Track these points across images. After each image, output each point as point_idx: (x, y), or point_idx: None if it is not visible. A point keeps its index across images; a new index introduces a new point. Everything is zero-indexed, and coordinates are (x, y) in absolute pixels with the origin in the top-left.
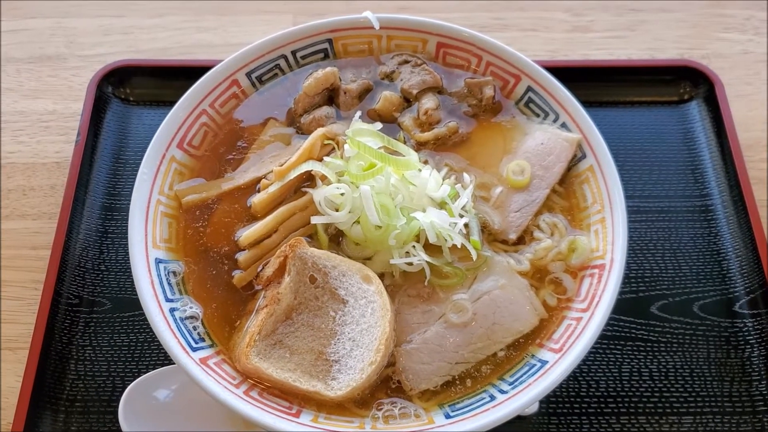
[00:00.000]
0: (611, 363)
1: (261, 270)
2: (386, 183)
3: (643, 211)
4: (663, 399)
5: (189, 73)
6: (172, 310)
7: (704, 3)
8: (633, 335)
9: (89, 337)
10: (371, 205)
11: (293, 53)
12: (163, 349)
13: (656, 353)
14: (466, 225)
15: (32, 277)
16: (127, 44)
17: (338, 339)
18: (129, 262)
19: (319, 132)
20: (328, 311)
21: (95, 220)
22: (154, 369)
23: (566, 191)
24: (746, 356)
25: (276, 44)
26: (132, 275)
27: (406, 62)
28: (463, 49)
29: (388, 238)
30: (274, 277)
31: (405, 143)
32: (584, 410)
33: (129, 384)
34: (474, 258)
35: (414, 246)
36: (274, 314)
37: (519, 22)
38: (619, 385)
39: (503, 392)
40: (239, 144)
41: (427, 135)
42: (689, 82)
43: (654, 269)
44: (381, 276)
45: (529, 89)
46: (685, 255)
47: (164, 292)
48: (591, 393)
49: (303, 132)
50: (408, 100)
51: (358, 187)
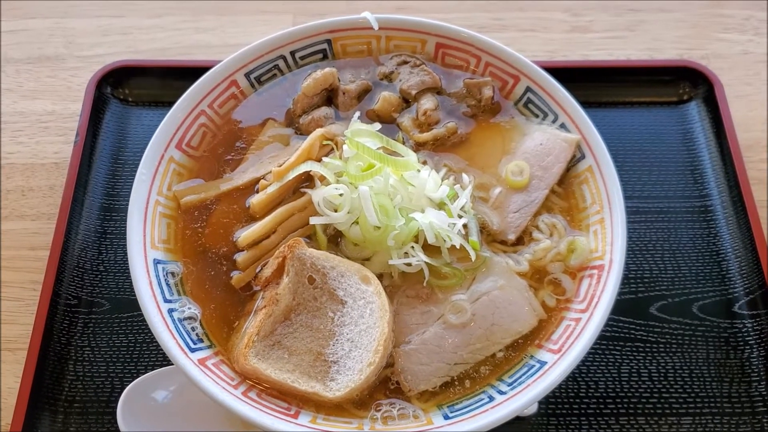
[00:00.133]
0: (610, 364)
1: (259, 271)
2: (385, 183)
3: (643, 212)
4: (662, 400)
5: (188, 74)
6: (171, 311)
7: (703, 3)
8: (632, 336)
9: (88, 338)
10: (370, 206)
11: (292, 54)
12: (162, 350)
13: (655, 354)
14: (465, 226)
15: (31, 278)
16: (126, 45)
17: (337, 340)
18: (127, 263)
19: (318, 132)
20: (327, 312)
21: (94, 221)
22: (153, 370)
23: (565, 192)
24: (745, 357)
25: (275, 45)
26: (130, 276)
27: (405, 63)
28: (462, 50)
29: (387, 239)
30: (273, 278)
31: (404, 144)
32: (583, 411)
33: (127, 385)
34: (473, 259)
35: (413, 246)
36: (273, 315)
37: (518, 23)
38: (618, 386)
39: (502, 393)
40: (238, 144)
41: (426, 135)
42: (688, 83)
43: (653, 270)
44: (380, 277)
45: (528, 90)
46: (685, 256)
47: (162, 293)
48: (590, 394)
49: (302, 132)
50: (407, 101)
51: (357, 188)
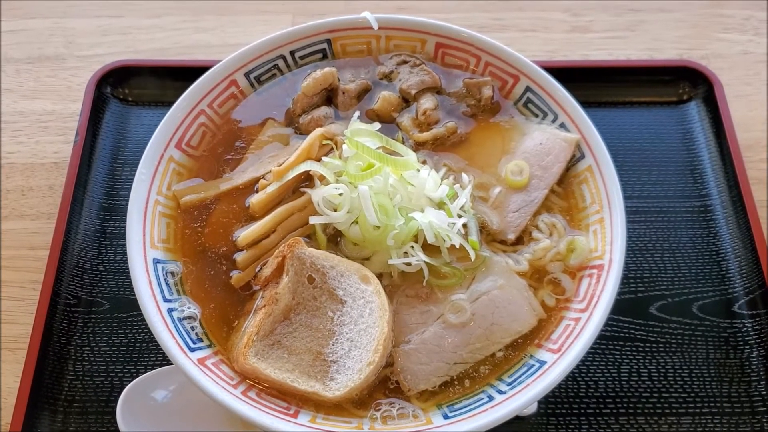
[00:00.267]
0: (610, 363)
1: (259, 270)
2: (385, 183)
3: (642, 212)
4: (662, 399)
5: (187, 74)
6: (170, 311)
7: (703, 3)
8: (632, 336)
9: (87, 338)
10: (369, 206)
11: (292, 53)
12: (161, 350)
13: (655, 354)
14: (465, 225)
15: (31, 278)
16: (126, 44)
17: (336, 339)
18: (127, 263)
19: (318, 132)
20: (327, 311)
21: (93, 221)
22: (152, 369)
23: (565, 191)
24: (745, 357)
25: (274, 44)
26: (130, 275)
27: (405, 62)
28: (462, 50)
29: (387, 239)
30: (273, 278)
31: (403, 143)
32: (583, 411)
33: (127, 384)
34: (472, 258)
35: (412, 246)
36: (272, 314)
37: (518, 23)
38: (618, 386)
39: (502, 393)
40: (237, 144)
41: (426, 135)
42: (688, 83)
43: (653, 270)
44: (379, 276)
45: (528, 89)
46: (684, 255)
47: (162, 293)
48: (590, 393)
49: (301, 132)
50: (407, 101)
51: (357, 188)
